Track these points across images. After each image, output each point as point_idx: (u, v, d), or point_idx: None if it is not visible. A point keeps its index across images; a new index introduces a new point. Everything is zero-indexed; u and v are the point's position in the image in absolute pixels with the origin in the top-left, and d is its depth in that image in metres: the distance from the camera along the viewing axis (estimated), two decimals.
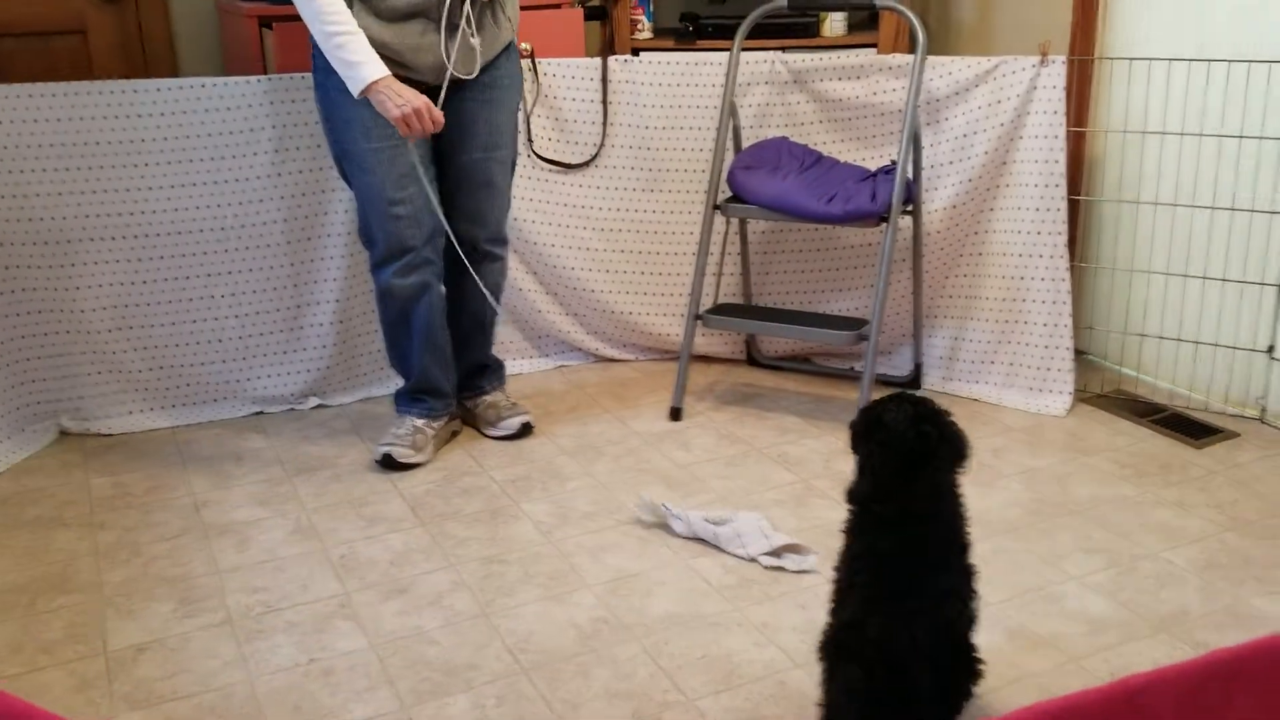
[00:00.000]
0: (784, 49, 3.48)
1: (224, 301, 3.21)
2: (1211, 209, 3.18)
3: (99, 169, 3.03)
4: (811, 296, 3.57)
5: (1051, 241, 3.20)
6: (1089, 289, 3.54)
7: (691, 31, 3.99)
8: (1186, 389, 3.31)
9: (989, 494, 2.79)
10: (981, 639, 1.94)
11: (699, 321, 3.25)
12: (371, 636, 2.28)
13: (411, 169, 2.76)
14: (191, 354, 3.23)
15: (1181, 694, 1.26)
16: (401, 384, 3.06)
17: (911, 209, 3.18)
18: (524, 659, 2.20)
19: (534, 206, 3.45)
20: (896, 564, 1.82)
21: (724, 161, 3.24)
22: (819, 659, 1.89)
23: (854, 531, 1.87)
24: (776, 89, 3.43)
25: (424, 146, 2.80)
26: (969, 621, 1.89)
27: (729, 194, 3.22)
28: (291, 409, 3.32)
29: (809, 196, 3.06)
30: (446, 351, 3.03)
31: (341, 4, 2.58)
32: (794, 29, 3.94)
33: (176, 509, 2.79)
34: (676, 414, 3.24)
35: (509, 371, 3.31)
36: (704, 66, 3.42)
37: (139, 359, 3.19)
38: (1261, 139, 3.04)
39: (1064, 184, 3.16)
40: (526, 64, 3.27)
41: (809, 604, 2.34)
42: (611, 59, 3.43)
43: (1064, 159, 3.15)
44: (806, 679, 2.11)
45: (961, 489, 1.88)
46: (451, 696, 2.09)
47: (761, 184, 3.14)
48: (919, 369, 3.42)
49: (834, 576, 1.90)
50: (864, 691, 1.81)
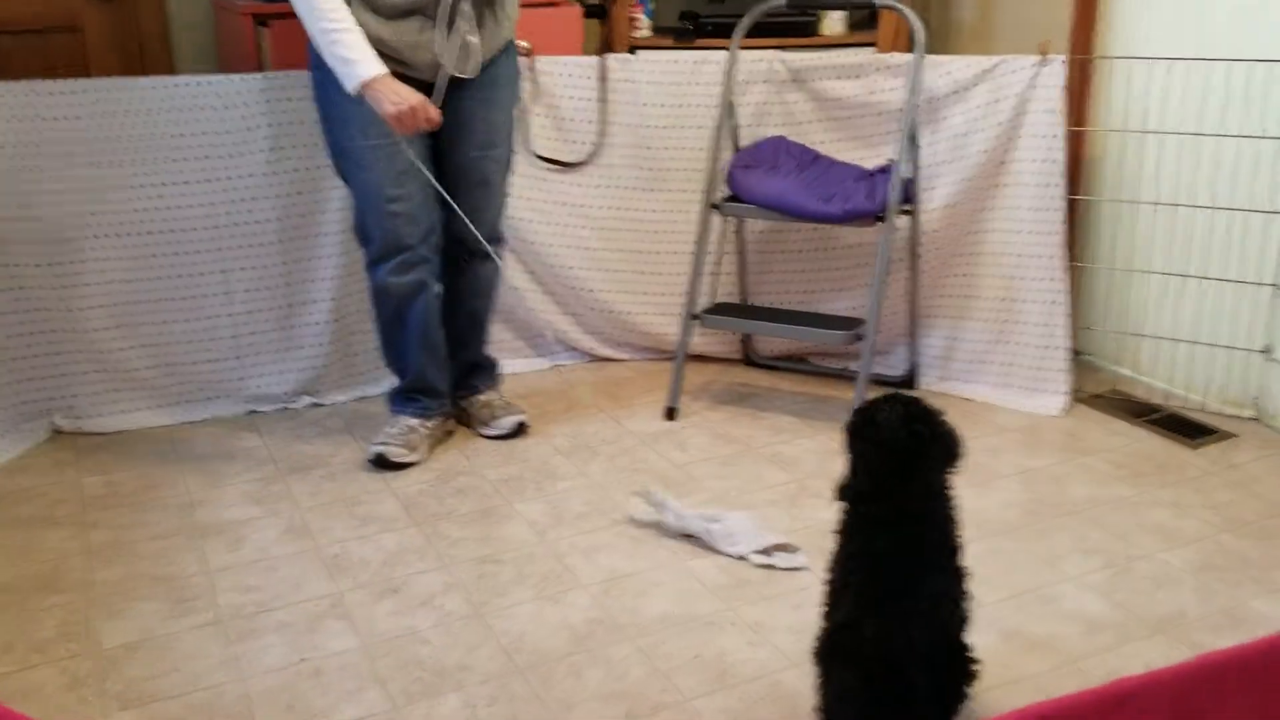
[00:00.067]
0: (783, 48, 3.47)
1: (218, 300, 3.20)
2: (1210, 209, 3.17)
3: (94, 166, 3.02)
4: (808, 296, 3.56)
5: (1048, 241, 3.19)
6: (1086, 289, 3.53)
7: (690, 30, 3.98)
8: (1183, 389, 3.30)
9: (985, 494, 2.78)
10: (977, 640, 1.93)
11: (695, 321, 3.24)
12: (363, 637, 2.27)
13: (410, 166, 2.75)
14: (185, 352, 3.22)
15: (1175, 696, 1.26)
16: (396, 383, 3.05)
17: (909, 208, 3.17)
18: (517, 659, 2.19)
19: (531, 205, 3.44)
20: (890, 565, 1.81)
21: (722, 160, 3.24)
22: (814, 663, 1.88)
23: (846, 533, 1.86)
24: (775, 88, 3.42)
25: (421, 144, 2.79)
26: (961, 622, 1.88)
27: (726, 193, 3.21)
28: (285, 407, 3.31)
29: (807, 196, 3.05)
30: (442, 351, 3.02)
31: (339, 1, 2.58)
32: (793, 28, 3.93)
33: (169, 508, 2.78)
34: (672, 414, 3.23)
35: (504, 371, 3.29)
36: (702, 65, 3.41)
37: (133, 357, 3.17)
38: (1260, 139, 3.03)
39: (1062, 184, 3.15)
40: (524, 62, 3.26)
41: (803, 604, 2.33)
42: (610, 57, 3.41)
43: (1062, 159, 3.14)
44: (800, 679, 2.10)
45: (953, 491, 1.87)
46: (443, 697, 2.08)
47: (759, 183, 3.13)
48: (915, 369, 3.41)
49: (827, 578, 1.89)
50: (860, 694, 1.80)
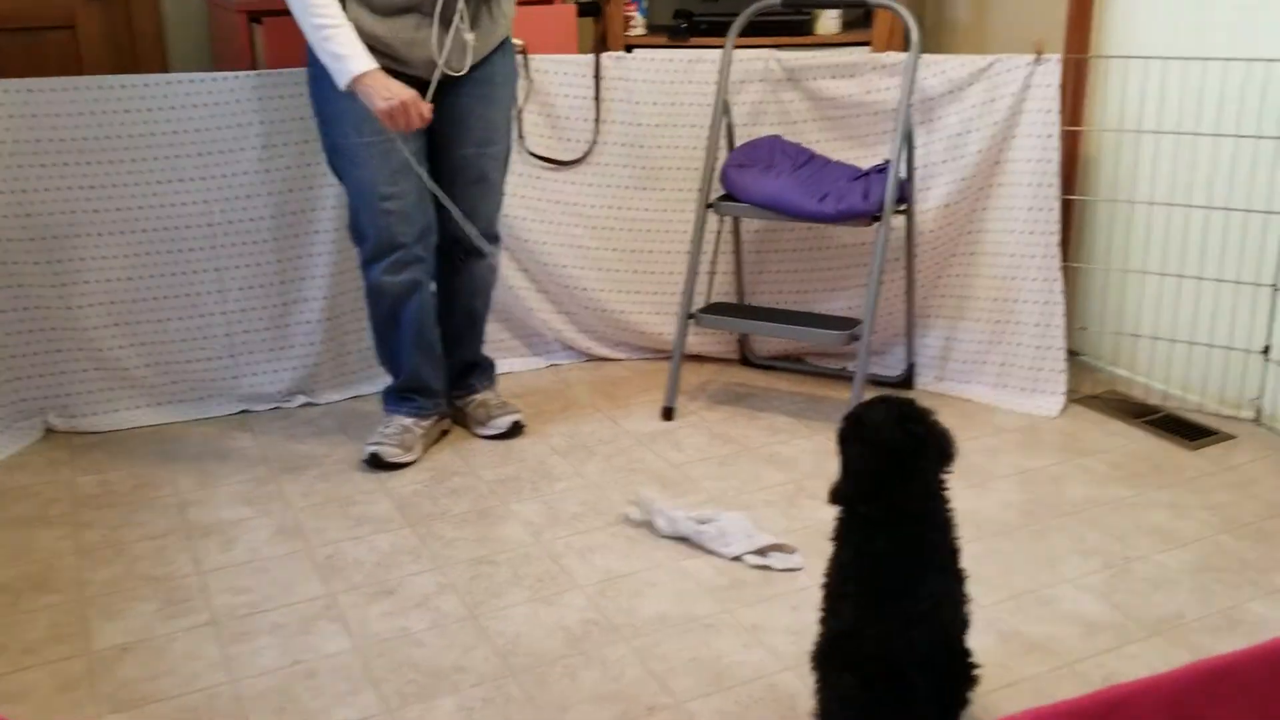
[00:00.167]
0: (778, 47, 3.46)
1: (212, 298, 3.19)
2: (1207, 209, 3.16)
3: (87, 164, 3.00)
4: (804, 296, 3.55)
5: (1044, 241, 3.18)
6: (1083, 289, 3.52)
7: (685, 29, 3.97)
8: (1180, 390, 3.30)
9: (982, 495, 2.78)
10: (975, 641, 1.92)
11: (692, 320, 3.23)
12: (357, 638, 2.25)
13: (404, 164, 2.74)
14: (180, 350, 3.20)
15: (1171, 702, 1.25)
16: (390, 382, 3.04)
17: (904, 208, 3.16)
18: (512, 661, 2.17)
19: (526, 203, 3.43)
20: (890, 566, 1.79)
21: (717, 160, 3.23)
22: (812, 667, 1.87)
23: (843, 537, 1.85)
24: (770, 87, 3.41)
25: (418, 142, 2.78)
26: (962, 626, 1.87)
27: (722, 192, 3.20)
28: (278, 407, 3.30)
29: (802, 195, 3.04)
30: (437, 350, 3.01)
31: None
32: (787, 27, 3.92)
33: (161, 508, 2.76)
34: (669, 413, 3.22)
35: (500, 370, 3.28)
36: (697, 64, 3.40)
37: (128, 355, 3.16)
38: (1257, 139, 3.02)
39: (1057, 183, 3.15)
40: (518, 60, 3.25)
41: (800, 605, 2.32)
42: (604, 56, 3.40)
43: (1058, 158, 3.14)
44: (797, 681, 2.09)
45: (949, 493, 1.85)
46: (437, 699, 2.07)
47: (754, 182, 3.12)
48: (912, 369, 3.40)
49: (825, 582, 1.88)
50: (860, 698, 1.78)
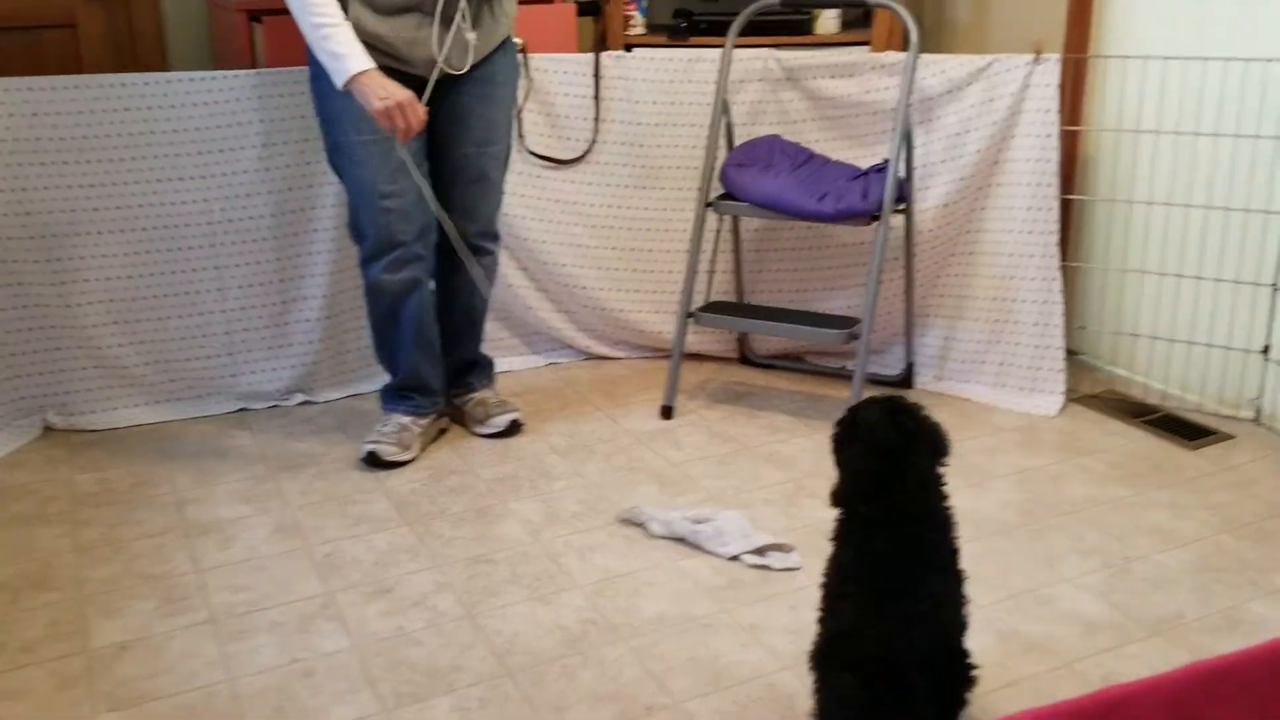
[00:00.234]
0: (777, 46, 3.46)
1: (212, 296, 3.19)
2: (1206, 209, 3.16)
3: (87, 163, 3.00)
4: (804, 295, 3.55)
5: (1043, 241, 3.18)
6: (1082, 288, 3.52)
7: (684, 28, 3.97)
8: (1180, 390, 3.29)
9: (981, 494, 2.77)
10: (973, 641, 1.91)
11: (691, 319, 3.23)
12: (355, 637, 2.25)
13: (403, 164, 2.74)
14: (179, 349, 3.20)
15: (1170, 703, 1.25)
16: (388, 380, 3.03)
17: (903, 208, 3.16)
18: (509, 661, 2.17)
19: (525, 202, 3.43)
20: (888, 567, 1.79)
21: (716, 159, 3.22)
22: (811, 667, 1.87)
23: (842, 537, 1.85)
24: (769, 86, 3.41)
25: (418, 140, 2.78)
26: (961, 626, 1.87)
27: (721, 191, 3.19)
28: (277, 405, 3.30)
29: (801, 194, 3.04)
30: (436, 348, 3.01)
31: None
32: (787, 26, 3.92)
33: (159, 506, 2.76)
34: (668, 412, 3.22)
35: (499, 369, 3.28)
36: (697, 63, 3.40)
37: (127, 354, 3.16)
38: (1256, 138, 3.02)
39: (1056, 183, 3.14)
40: (519, 59, 3.25)
41: (799, 605, 2.32)
42: (604, 55, 3.40)
43: (1057, 158, 3.13)
44: (795, 681, 2.09)
45: (948, 493, 1.85)
46: (435, 699, 2.07)
47: (754, 182, 3.12)
48: (911, 368, 3.39)
49: (824, 582, 1.88)
50: (858, 700, 1.78)
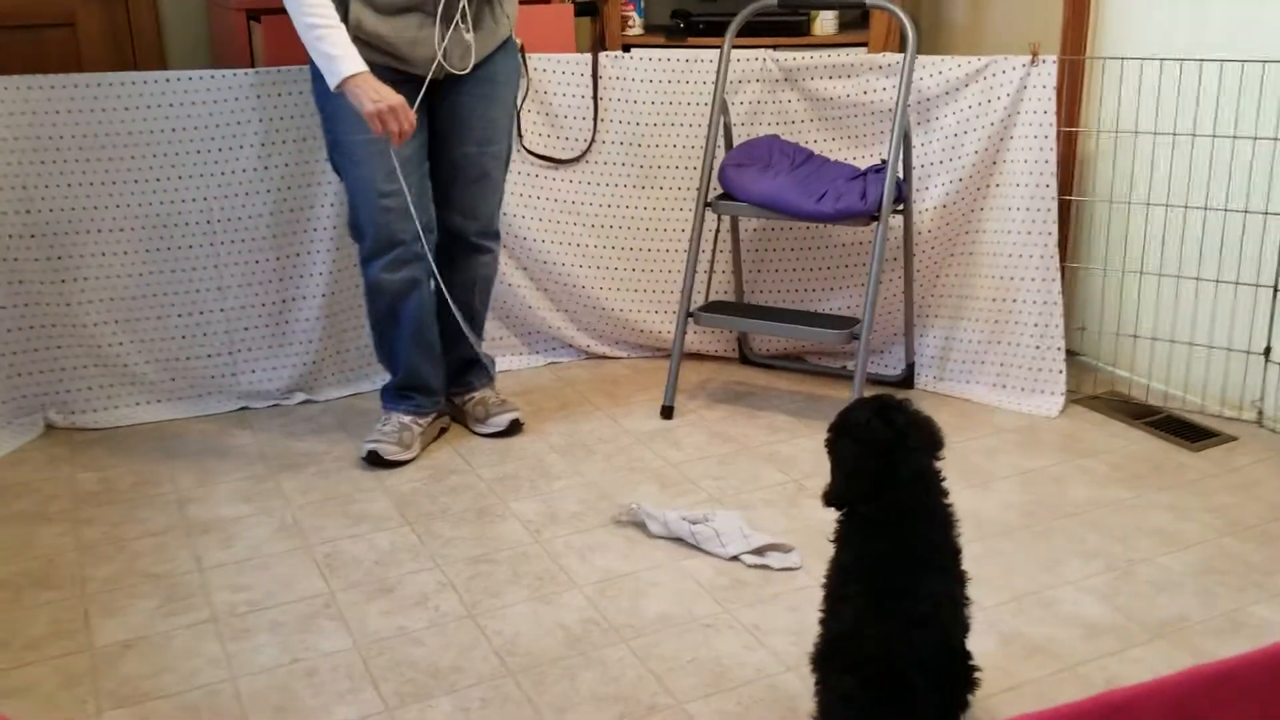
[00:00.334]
0: (775, 47, 3.47)
1: (212, 295, 3.19)
2: (1204, 209, 3.16)
3: (87, 161, 3.00)
4: (803, 295, 3.56)
5: (1042, 242, 3.18)
6: (1081, 289, 3.53)
7: (682, 28, 3.98)
8: (1181, 391, 3.30)
9: (983, 495, 2.78)
10: (976, 644, 1.91)
11: (691, 319, 3.24)
12: (356, 637, 2.25)
13: (405, 161, 2.74)
14: (180, 347, 3.20)
15: (1173, 706, 1.25)
16: (389, 379, 3.04)
17: (902, 208, 3.16)
18: (510, 661, 2.17)
19: (524, 202, 3.43)
20: (888, 568, 1.79)
21: (715, 159, 3.23)
22: (812, 668, 1.87)
23: (843, 539, 1.85)
24: (767, 87, 3.42)
25: (419, 139, 2.79)
26: (963, 627, 1.87)
27: (720, 191, 3.20)
28: (278, 404, 3.30)
29: (800, 195, 3.05)
30: (435, 347, 3.01)
31: None
32: (785, 27, 3.93)
33: (161, 505, 2.76)
34: (668, 412, 3.22)
35: (499, 368, 3.28)
36: (695, 64, 3.40)
37: (128, 352, 3.16)
38: (1255, 139, 3.02)
39: (1054, 184, 3.15)
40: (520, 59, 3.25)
41: (800, 605, 2.32)
42: (602, 55, 3.40)
43: (1054, 159, 3.14)
44: (797, 682, 2.09)
45: (947, 489, 1.85)
46: (436, 699, 2.07)
47: (752, 182, 3.12)
48: (911, 368, 3.40)
49: (825, 583, 1.88)
50: (860, 701, 1.78)
